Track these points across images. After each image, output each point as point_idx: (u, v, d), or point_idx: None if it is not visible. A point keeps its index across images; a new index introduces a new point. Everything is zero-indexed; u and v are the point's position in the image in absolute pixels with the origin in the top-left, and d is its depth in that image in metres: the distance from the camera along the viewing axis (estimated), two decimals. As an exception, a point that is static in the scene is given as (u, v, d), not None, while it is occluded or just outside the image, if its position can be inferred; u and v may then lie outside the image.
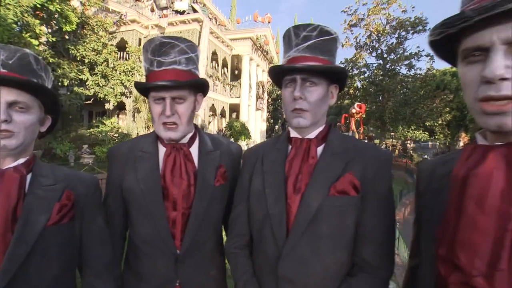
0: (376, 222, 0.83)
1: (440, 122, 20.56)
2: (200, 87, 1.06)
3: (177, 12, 16.84)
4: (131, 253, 1.08)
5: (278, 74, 0.94)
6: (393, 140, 26.38)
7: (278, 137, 1.03)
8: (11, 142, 0.77)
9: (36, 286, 0.79)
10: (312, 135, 0.91)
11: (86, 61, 11.90)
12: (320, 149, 0.91)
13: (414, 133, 24.38)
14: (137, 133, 14.25)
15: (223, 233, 1.16)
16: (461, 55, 0.56)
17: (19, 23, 7.76)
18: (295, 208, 0.84)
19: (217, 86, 18.60)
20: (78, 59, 11.82)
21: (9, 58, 0.80)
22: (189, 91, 1.00)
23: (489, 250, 0.49)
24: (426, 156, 19.72)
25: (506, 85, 0.48)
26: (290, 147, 0.94)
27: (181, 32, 15.97)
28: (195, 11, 16.67)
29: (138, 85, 1.01)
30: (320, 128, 0.92)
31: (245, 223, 0.98)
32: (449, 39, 0.56)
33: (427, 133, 24.39)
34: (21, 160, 0.83)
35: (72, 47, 11.55)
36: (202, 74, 15.45)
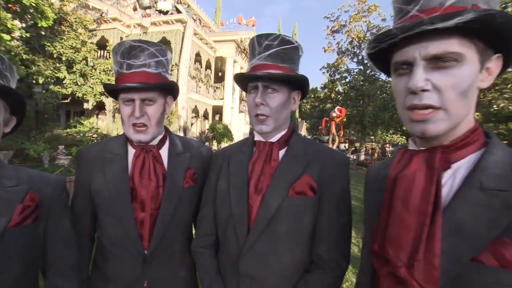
0: (331, 221, 0.88)
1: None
2: (170, 90, 1.08)
3: (160, 12, 16.62)
4: (98, 254, 1.08)
5: (243, 81, 0.98)
6: (373, 143, 27.16)
7: (246, 140, 1.07)
8: None
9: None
10: (275, 138, 0.95)
11: (64, 58, 11.49)
12: (282, 152, 0.95)
13: (392, 137, 25.25)
14: (117, 134, 13.89)
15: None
16: (392, 67, 0.62)
17: None
18: (256, 208, 0.88)
19: (200, 87, 18.47)
20: (54, 56, 11.39)
21: None
22: (158, 93, 1.02)
23: (410, 244, 0.55)
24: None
25: (427, 95, 0.54)
26: (255, 149, 0.98)
27: (164, 33, 15.77)
28: (179, 11, 16.53)
29: (108, 87, 1.02)
30: (283, 132, 0.96)
31: (211, 223, 1.01)
32: (385, 52, 0.62)
33: (404, 137, 25.30)
34: None
35: (49, 44, 11.13)
36: (185, 75, 15.31)
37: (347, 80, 23.14)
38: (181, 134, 15.36)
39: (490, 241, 0.49)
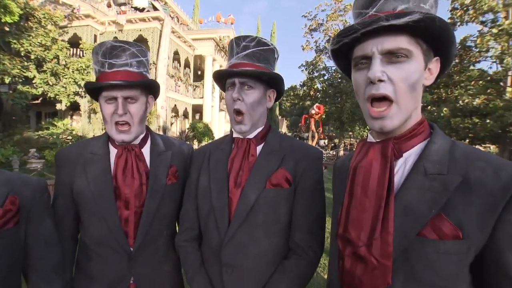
0: (305, 210, 0.95)
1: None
2: (152, 89, 1.11)
3: (136, 9, 16.14)
4: (82, 255, 1.08)
5: (221, 79, 1.03)
6: (351, 139, 27.99)
7: (224, 137, 1.12)
8: None
9: None
10: (252, 135, 1.01)
11: (33, 57, 10.87)
12: (259, 147, 1.01)
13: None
14: (94, 135, 13.42)
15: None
16: (353, 63, 0.70)
17: None
18: (236, 201, 0.94)
19: (179, 86, 18.19)
20: (22, 54, 10.76)
21: None
22: (140, 91, 1.04)
23: (369, 225, 0.64)
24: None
25: (383, 86, 0.62)
26: (233, 146, 1.03)
27: (140, 30, 15.36)
28: (155, 9, 16.12)
29: (89, 85, 1.03)
30: (259, 129, 1.02)
31: (193, 218, 1.05)
32: (346, 49, 0.69)
33: (381, 132, 26.29)
34: None
35: (14, 41, 10.48)
36: (163, 74, 15.02)
37: (325, 77, 23.65)
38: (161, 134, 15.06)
39: (431, 218, 0.57)
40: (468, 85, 13.55)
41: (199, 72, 22.12)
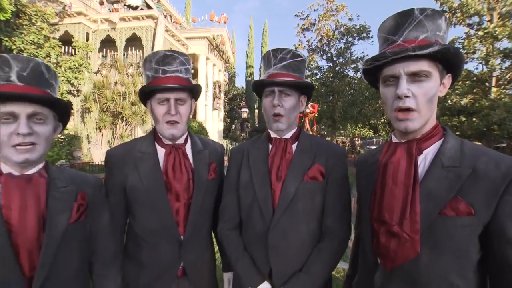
0: (335, 199, 1.12)
1: (382, 120, 22.78)
2: (196, 93, 1.25)
3: (129, 7, 16.01)
4: (132, 244, 1.20)
5: (260, 86, 1.18)
6: (343, 137, 28.46)
7: (257, 137, 1.27)
8: (33, 156, 0.84)
9: (64, 277, 0.88)
10: (288, 135, 1.17)
11: (25, 55, 10.70)
12: (294, 146, 1.17)
13: (361, 131, 26.67)
14: (87, 135, 13.29)
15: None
16: (381, 80, 0.87)
17: None
18: (278, 192, 1.09)
19: (173, 85, 18.11)
20: (14, 52, 10.60)
21: (23, 69, 0.84)
22: (188, 94, 1.19)
23: (400, 208, 0.81)
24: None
25: (408, 100, 0.79)
26: (270, 145, 1.19)
27: (134, 29, 15.25)
28: (149, 7, 16.04)
29: (146, 88, 1.15)
30: (294, 130, 1.19)
31: (234, 209, 1.20)
32: (374, 69, 0.87)
33: (372, 130, 26.83)
34: (40, 165, 0.90)
35: (6, 39, 10.30)
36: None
37: (318, 76, 23.96)
38: (155, 133, 15.02)
39: (449, 200, 0.75)
40: (456, 85, 14.06)
41: (193, 71, 22.04)
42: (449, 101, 13.89)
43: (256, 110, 34.06)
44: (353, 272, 1.13)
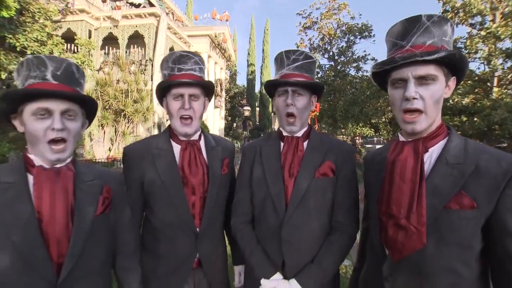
0: (345, 195, 1.18)
1: (383, 119, 22.80)
2: (209, 91, 1.30)
3: (131, 4, 16.04)
4: (149, 237, 1.25)
5: (273, 86, 1.23)
6: (344, 136, 28.48)
7: (269, 135, 1.33)
8: (64, 155, 0.89)
9: (90, 267, 0.93)
10: (300, 134, 1.22)
11: (29, 52, 10.72)
12: (305, 144, 1.22)
13: (362, 129, 26.69)
14: (90, 132, 13.34)
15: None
16: (390, 82, 0.92)
17: None
18: (291, 188, 1.15)
19: (175, 83, 18.15)
20: (18, 49, 10.61)
21: (57, 69, 0.90)
22: (201, 91, 1.24)
23: (407, 203, 0.86)
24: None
25: (416, 102, 0.84)
26: (281, 143, 1.24)
27: (136, 26, 15.26)
28: (151, 4, 16.05)
29: (163, 84, 1.21)
30: (305, 129, 1.24)
31: (248, 204, 1.25)
32: (383, 72, 0.92)
33: (373, 129, 26.86)
34: (68, 160, 0.95)
35: (10, 36, 10.33)
36: (159, 70, 14.98)
37: (319, 75, 23.94)
38: (156, 130, 15.09)
39: (453, 195, 0.80)
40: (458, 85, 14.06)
41: (194, 69, 22.05)
42: (450, 101, 13.90)
43: (257, 109, 34.06)
44: (360, 265, 1.18)
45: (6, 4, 8.82)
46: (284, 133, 1.24)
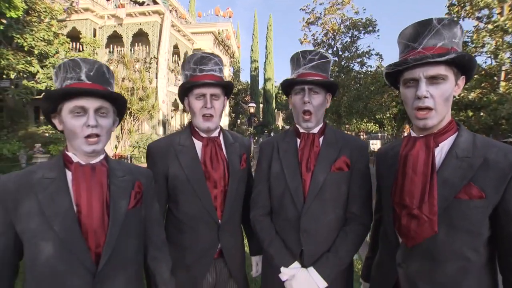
0: (359, 188, 1.24)
1: (388, 115, 22.69)
2: (229, 90, 1.37)
3: (135, 2, 16.08)
4: (173, 229, 1.31)
5: (289, 85, 1.29)
6: (348, 132, 28.41)
7: (285, 132, 1.39)
8: (98, 147, 0.96)
9: (125, 257, 0.99)
10: (315, 130, 1.29)
11: (36, 52, 10.85)
12: (320, 140, 1.28)
13: (366, 125, 26.58)
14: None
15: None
16: (402, 82, 0.98)
17: None
18: (308, 182, 1.21)
19: (179, 80, 18.25)
20: (25, 49, 10.75)
21: (90, 70, 0.96)
22: (221, 91, 1.31)
23: (419, 194, 0.92)
24: (375, 146, 21.65)
25: (427, 100, 0.90)
26: (298, 139, 1.30)
27: (140, 24, 15.33)
28: (155, 2, 16.07)
29: (187, 84, 1.27)
30: (320, 125, 1.30)
31: (266, 197, 1.32)
32: (395, 72, 0.97)
33: (377, 125, 26.73)
34: (101, 156, 1.02)
35: (18, 36, 10.46)
36: (164, 68, 15.09)
37: (323, 71, 23.81)
38: (161, 127, 15.23)
39: (463, 186, 0.86)
40: (464, 79, 13.93)
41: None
42: (456, 95, 13.76)
43: (261, 105, 34.04)
44: (373, 254, 1.25)
45: (14, 5, 8.93)
46: (301, 130, 1.31)
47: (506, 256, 0.86)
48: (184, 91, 1.32)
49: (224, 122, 23.89)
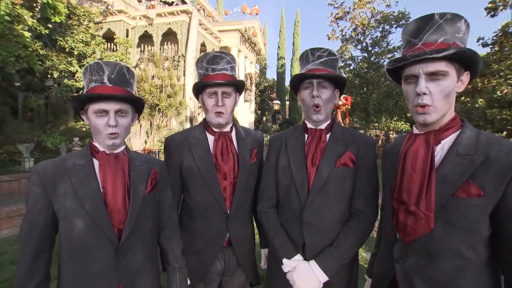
0: (364, 184, 1.25)
1: (420, 113, 21.44)
2: (239, 88, 1.44)
3: (165, 3, 16.68)
4: (186, 217, 1.42)
5: (299, 80, 1.32)
6: (377, 130, 27.35)
7: (295, 127, 1.43)
8: (117, 141, 1.08)
9: (142, 233, 1.12)
10: (323, 126, 1.32)
11: (76, 53, 11.71)
12: (328, 136, 1.31)
13: (396, 123, 25.43)
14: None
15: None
16: (403, 78, 0.98)
17: (10, 14, 7.57)
18: (313, 175, 1.25)
19: (206, 78, 18.62)
20: (67, 50, 11.64)
21: (112, 73, 1.07)
22: (233, 89, 1.38)
23: (417, 191, 0.92)
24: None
25: (425, 97, 0.90)
26: (306, 135, 1.34)
27: (169, 24, 15.88)
28: (183, 2, 16.56)
29: (200, 83, 1.36)
30: (328, 121, 1.33)
31: (273, 190, 1.37)
32: (397, 68, 0.98)
33: (408, 124, 25.44)
34: (122, 147, 1.15)
35: (60, 38, 11.36)
36: (191, 66, 15.53)
37: (351, 67, 23.12)
38: (188, 124, 15.71)
39: (461, 184, 0.85)
40: (509, 74, 12.83)
41: (224, 64, 22.42)
42: (498, 92, 12.75)
43: (287, 102, 33.82)
44: (378, 250, 1.26)
45: (58, 11, 9.70)
46: (309, 125, 1.34)
47: (506, 255, 0.84)
48: (198, 90, 1.40)
49: (250, 119, 24.08)
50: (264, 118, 30.20)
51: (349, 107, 18.82)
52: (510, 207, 0.81)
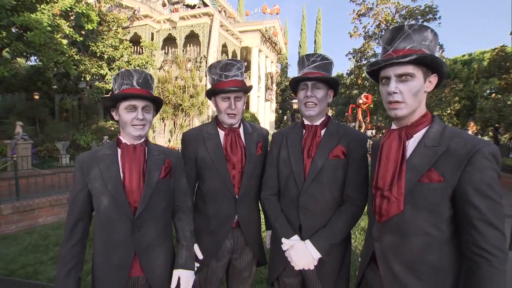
0: (355, 174, 1.40)
1: (448, 111, 20.55)
2: (247, 92, 1.63)
3: (187, 6, 17.24)
4: (200, 201, 1.64)
5: (296, 82, 1.50)
6: (402, 129, 26.31)
7: (295, 124, 1.60)
8: (143, 132, 1.32)
9: (155, 214, 1.33)
10: (318, 122, 1.48)
11: (106, 57, 12.49)
12: (323, 131, 1.48)
13: (422, 122, 24.36)
14: (153, 124, 14.98)
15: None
16: (380, 80, 1.12)
17: (51, 25, 8.30)
18: (308, 166, 1.42)
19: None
20: (98, 55, 12.46)
21: (139, 78, 1.32)
22: (243, 93, 1.58)
23: (390, 178, 1.07)
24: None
25: (396, 96, 1.04)
26: (304, 130, 1.51)
27: (192, 26, 16.41)
28: (205, 4, 17.04)
29: (215, 90, 1.55)
30: (323, 118, 1.49)
31: (275, 180, 1.55)
32: (376, 71, 1.13)
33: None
34: (143, 139, 1.38)
35: (92, 44, 12.19)
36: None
37: (374, 65, 22.49)
38: (210, 123, 16.12)
39: (426, 171, 0.99)
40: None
41: (246, 64, 22.55)
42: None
43: (308, 101, 33.44)
44: None
45: (91, 19, 10.47)
46: (306, 122, 1.51)
47: (463, 233, 0.97)
48: (212, 93, 1.62)
49: (271, 118, 24.24)
50: (285, 117, 30.22)
51: (370, 106, 18.43)
52: (463, 191, 0.94)
